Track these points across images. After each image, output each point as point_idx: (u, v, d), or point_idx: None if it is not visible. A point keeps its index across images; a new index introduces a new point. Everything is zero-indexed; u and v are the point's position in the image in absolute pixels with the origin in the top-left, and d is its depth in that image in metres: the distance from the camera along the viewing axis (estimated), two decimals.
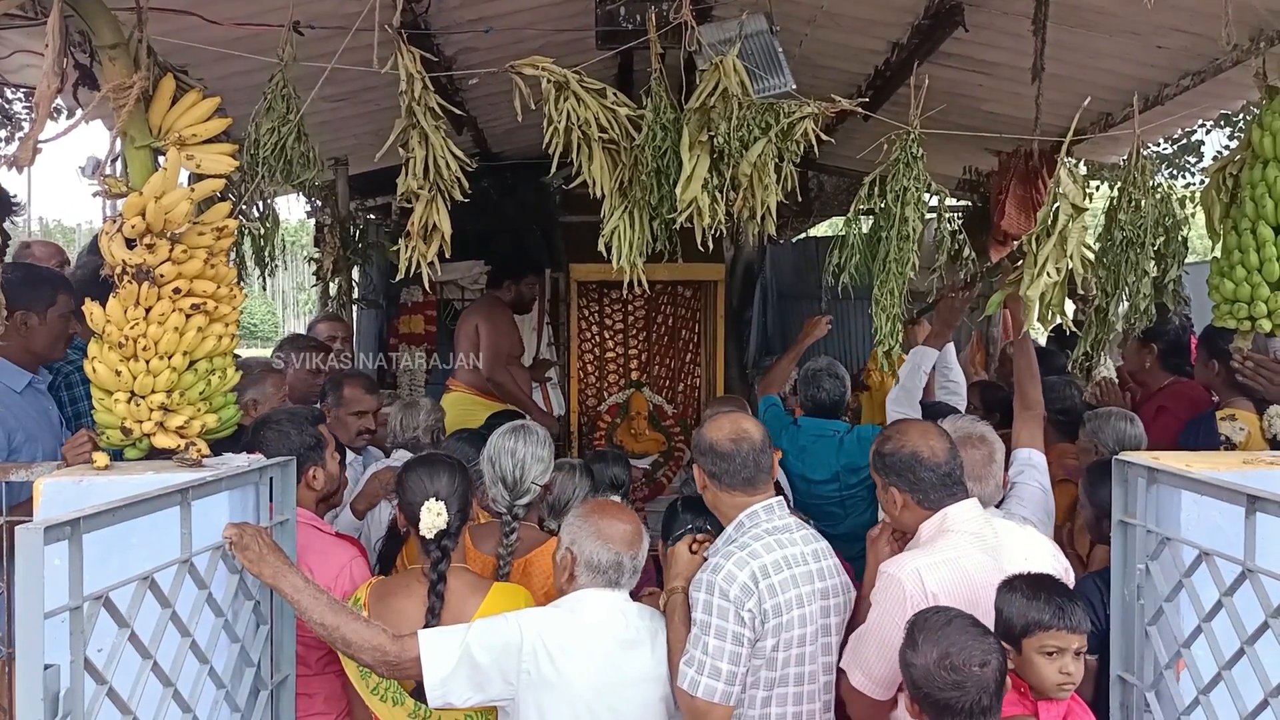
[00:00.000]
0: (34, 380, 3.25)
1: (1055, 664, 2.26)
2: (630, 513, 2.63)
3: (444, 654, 2.35)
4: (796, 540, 2.60)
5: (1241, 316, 2.91)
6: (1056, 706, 2.30)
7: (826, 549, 2.66)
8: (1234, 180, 3.00)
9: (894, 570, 2.46)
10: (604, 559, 2.48)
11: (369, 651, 2.34)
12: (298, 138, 2.93)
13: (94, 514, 1.81)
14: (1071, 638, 2.26)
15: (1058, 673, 2.26)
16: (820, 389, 4.32)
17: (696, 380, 7.86)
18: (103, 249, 2.57)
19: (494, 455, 3.14)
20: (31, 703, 1.63)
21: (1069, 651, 2.27)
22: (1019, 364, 3.58)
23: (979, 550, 2.48)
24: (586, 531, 2.52)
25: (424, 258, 3.05)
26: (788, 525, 2.63)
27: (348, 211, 6.12)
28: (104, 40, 2.58)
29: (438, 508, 2.58)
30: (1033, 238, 2.99)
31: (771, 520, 2.61)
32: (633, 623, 2.51)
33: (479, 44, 4.29)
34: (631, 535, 2.53)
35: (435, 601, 2.55)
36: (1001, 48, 4.46)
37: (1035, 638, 2.27)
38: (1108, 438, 3.57)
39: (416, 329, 7.06)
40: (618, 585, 2.50)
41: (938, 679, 2.08)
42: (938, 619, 2.18)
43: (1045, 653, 2.27)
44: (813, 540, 2.65)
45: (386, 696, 2.58)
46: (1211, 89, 4.42)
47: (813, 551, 2.61)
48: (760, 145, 2.88)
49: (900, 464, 2.60)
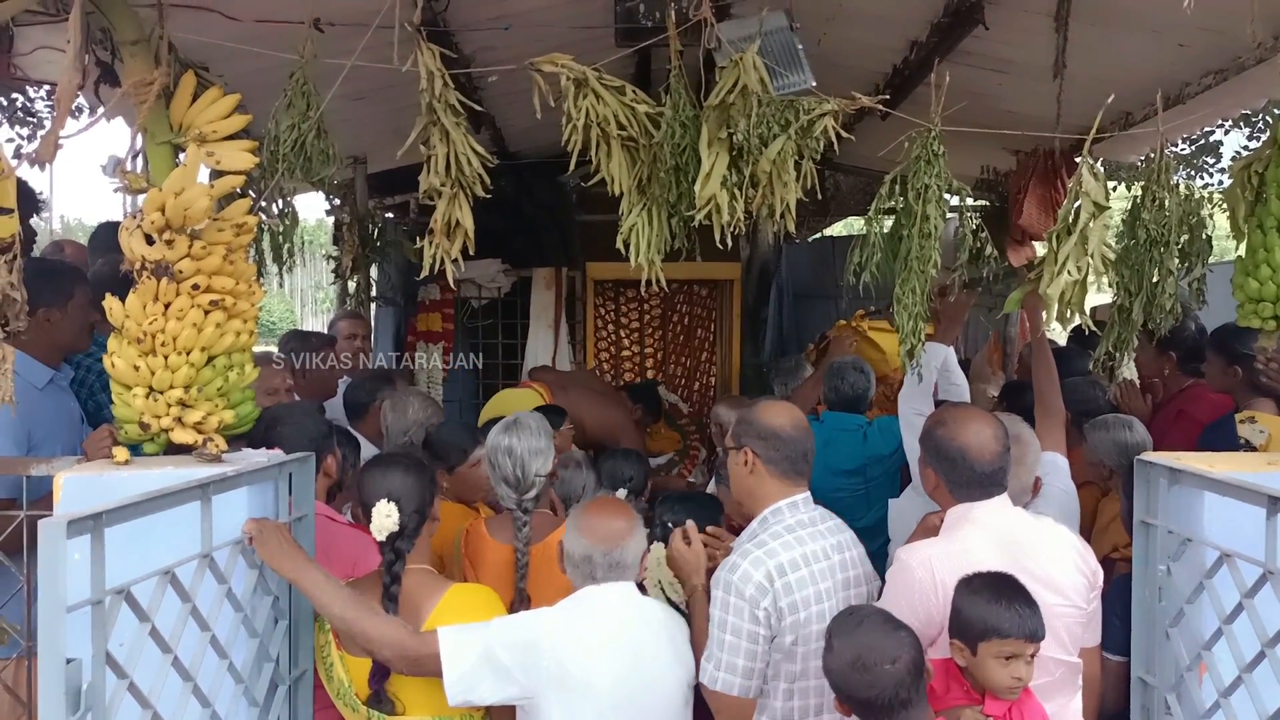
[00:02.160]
0: (55, 377, 3.26)
1: (1008, 669, 2.26)
2: (622, 510, 2.62)
3: (464, 651, 2.35)
4: (821, 533, 2.60)
5: (1266, 316, 2.88)
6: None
7: (852, 539, 2.68)
8: (1259, 178, 2.96)
9: (907, 557, 2.50)
10: (576, 552, 2.53)
11: (389, 647, 2.34)
12: (317, 134, 2.93)
13: (116, 508, 1.82)
14: (1027, 645, 2.25)
15: (1009, 677, 2.26)
16: (844, 381, 4.39)
17: (712, 379, 7.86)
18: (123, 244, 2.58)
19: (492, 458, 3.14)
20: (54, 697, 1.64)
21: (1023, 657, 2.26)
22: (1037, 367, 3.56)
23: (996, 546, 2.47)
24: (571, 525, 2.58)
25: (448, 254, 3.07)
26: (812, 518, 2.63)
27: (366, 210, 6.13)
28: (125, 36, 2.59)
29: (387, 509, 2.53)
30: (1054, 235, 2.97)
31: (796, 515, 2.60)
32: (646, 615, 2.53)
33: (498, 42, 4.29)
34: (611, 532, 2.52)
35: (388, 604, 2.51)
36: (1021, 45, 4.42)
37: (991, 643, 2.26)
38: (1106, 450, 3.54)
39: (434, 327, 7.08)
40: (593, 579, 2.51)
41: (852, 680, 2.15)
42: (849, 621, 2.24)
43: (1000, 658, 2.26)
44: (838, 531, 2.66)
45: (345, 702, 2.55)
46: (1234, 87, 4.37)
47: (836, 544, 2.61)
48: (780, 142, 2.87)
49: (946, 453, 2.59)
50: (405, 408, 3.97)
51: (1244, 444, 3.31)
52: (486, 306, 7.21)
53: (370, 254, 6.07)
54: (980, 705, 2.29)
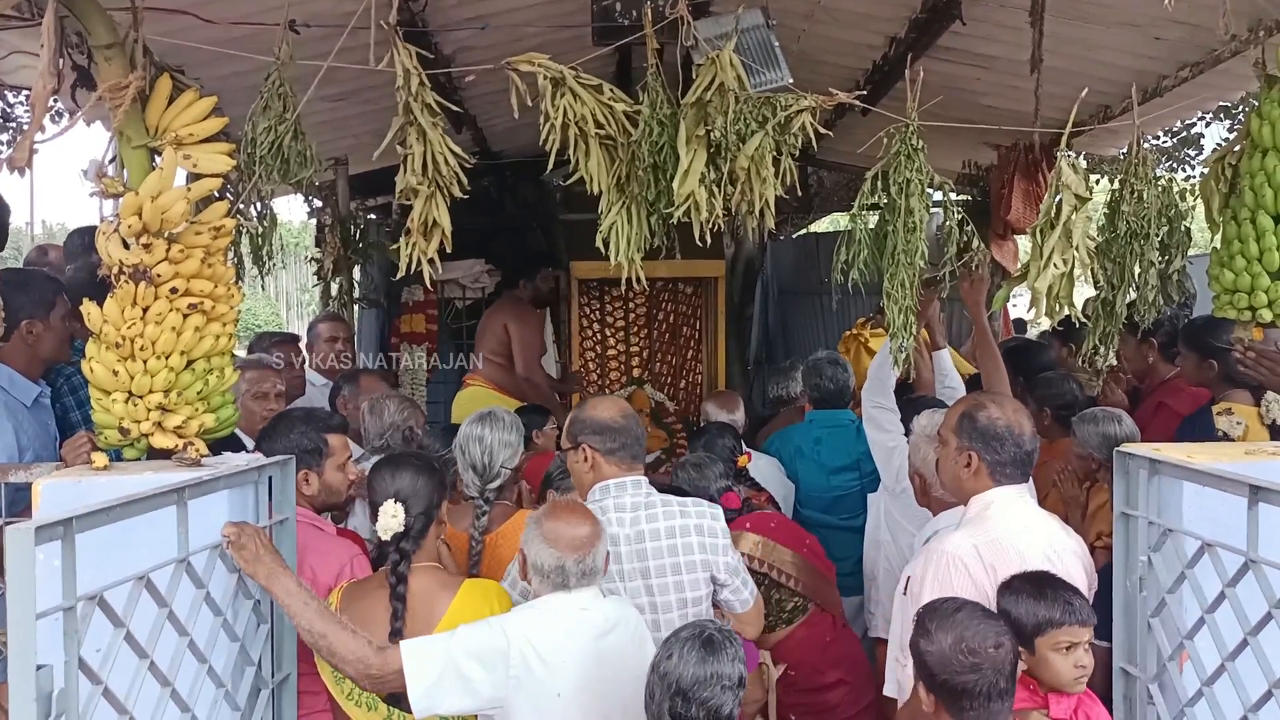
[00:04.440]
0: (40, 394, 3.21)
1: (1070, 659, 2.30)
2: (586, 514, 2.53)
3: (427, 664, 2.31)
4: (656, 515, 2.77)
5: (1242, 306, 2.90)
6: (1067, 699, 2.32)
7: (695, 526, 2.79)
8: (1233, 170, 2.99)
9: (947, 547, 2.51)
10: (547, 563, 2.42)
11: (352, 664, 2.30)
12: (295, 136, 2.92)
13: (87, 514, 1.80)
14: (1082, 631, 2.30)
15: (1073, 667, 2.30)
16: (823, 377, 4.37)
17: (698, 377, 7.85)
18: (100, 249, 2.56)
19: (463, 443, 3.23)
20: (24, 703, 1.63)
21: (1080, 645, 2.30)
22: (983, 359, 3.66)
23: (1023, 534, 2.53)
24: (534, 533, 2.46)
25: (424, 254, 3.05)
26: (650, 502, 2.80)
27: (348, 211, 6.12)
28: (99, 40, 2.57)
29: (393, 509, 2.54)
30: (1037, 230, 2.98)
31: (627, 494, 2.80)
32: (606, 613, 2.47)
33: (477, 42, 4.29)
34: (579, 539, 2.43)
35: (397, 605, 2.50)
36: (999, 41, 4.45)
37: (1048, 636, 2.29)
38: (1094, 442, 3.56)
39: (418, 328, 7.05)
40: (566, 588, 2.42)
41: (954, 663, 2.10)
42: (949, 605, 2.21)
43: (1059, 649, 2.30)
44: (679, 517, 2.79)
45: (361, 702, 2.53)
46: (1210, 80, 4.41)
47: (670, 528, 2.76)
48: (757, 139, 2.87)
49: (994, 432, 2.60)
50: (382, 410, 3.93)
51: (1221, 436, 3.33)
52: (470, 307, 7.18)
53: (353, 255, 6.06)
54: (1045, 710, 2.30)
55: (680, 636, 2.20)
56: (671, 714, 2.13)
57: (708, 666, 2.14)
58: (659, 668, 2.18)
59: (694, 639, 2.18)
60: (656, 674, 2.18)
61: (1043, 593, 2.32)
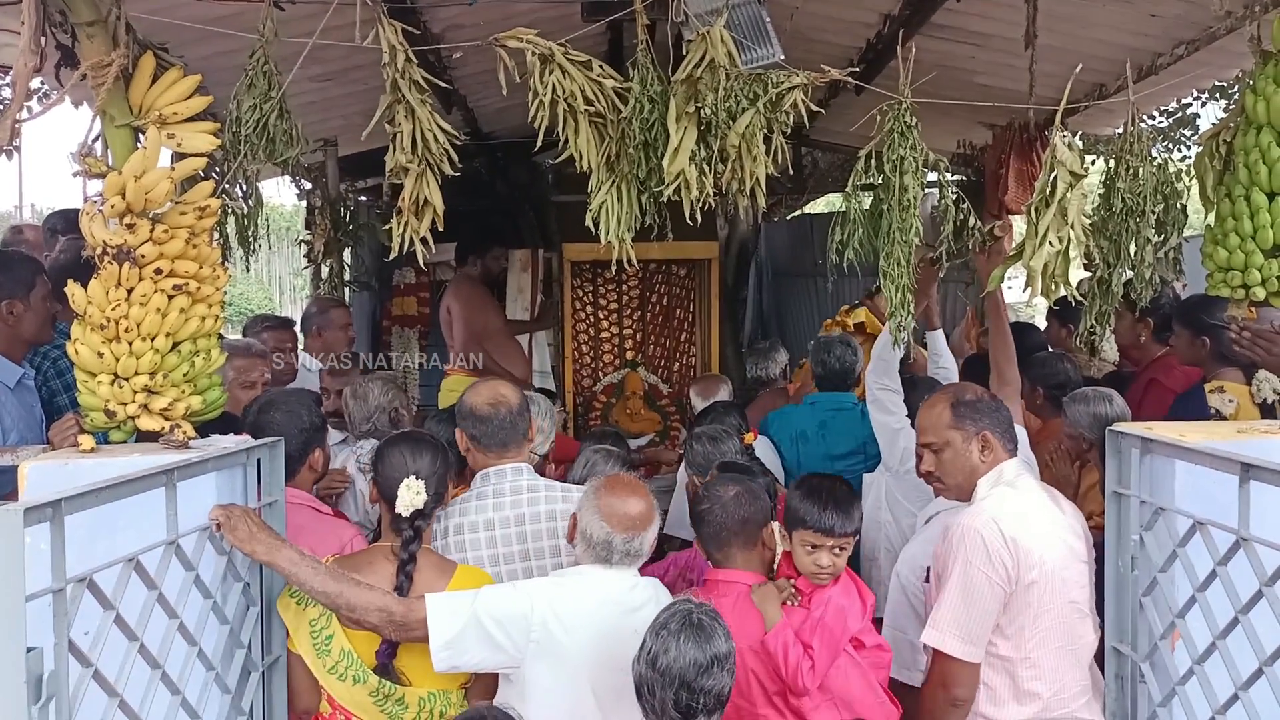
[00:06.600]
0: (23, 376, 3.19)
1: (811, 557, 2.66)
2: (645, 496, 2.55)
3: (451, 618, 2.35)
4: (521, 502, 2.83)
5: (1235, 284, 2.88)
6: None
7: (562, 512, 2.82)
8: (1227, 147, 2.97)
9: (971, 521, 2.59)
10: (596, 534, 2.47)
11: (375, 613, 2.34)
12: (280, 115, 2.88)
13: (76, 495, 1.79)
14: (826, 539, 2.64)
15: (812, 565, 2.66)
16: (831, 355, 4.35)
17: (692, 359, 7.84)
18: (83, 229, 2.54)
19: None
20: (13, 685, 1.62)
21: (824, 549, 2.65)
22: (994, 342, 3.65)
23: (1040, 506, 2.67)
24: (591, 502, 2.51)
25: (416, 234, 3.03)
26: (533, 486, 2.86)
27: (338, 193, 6.07)
28: (81, 17, 2.54)
29: (417, 486, 2.55)
30: (1032, 208, 2.96)
31: (505, 480, 2.85)
32: (638, 592, 2.51)
33: (466, 19, 4.24)
34: (632, 519, 2.47)
35: (404, 580, 2.51)
36: (993, 19, 4.41)
37: (798, 532, 2.68)
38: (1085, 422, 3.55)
39: (410, 310, 7.04)
40: (608, 563, 2.48)
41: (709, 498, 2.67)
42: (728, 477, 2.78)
43: (804, 545, 2.67)
44: (547, 503, 2.84)
45: (346, 675, 2.50)
46: (1205, 57, 4.38)
47: (548, 512, 2.82)
48: (748, 116, 2.85)
49: (989, 406, 2.80)
50: (366, 394, 3.91)
51: (1214, 413, 3.32)
52: None
53: (343, 238, 6.02)
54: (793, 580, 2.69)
55: (669, 628, 2.17)
56: (676, 707, 2.11)
57: (706, 652, 2.13)
58: (656, 663, 2.14)
59: (684, 628, 2.16)
60: (654, 670, 2.14)
61: (814, 496, 2.68)
